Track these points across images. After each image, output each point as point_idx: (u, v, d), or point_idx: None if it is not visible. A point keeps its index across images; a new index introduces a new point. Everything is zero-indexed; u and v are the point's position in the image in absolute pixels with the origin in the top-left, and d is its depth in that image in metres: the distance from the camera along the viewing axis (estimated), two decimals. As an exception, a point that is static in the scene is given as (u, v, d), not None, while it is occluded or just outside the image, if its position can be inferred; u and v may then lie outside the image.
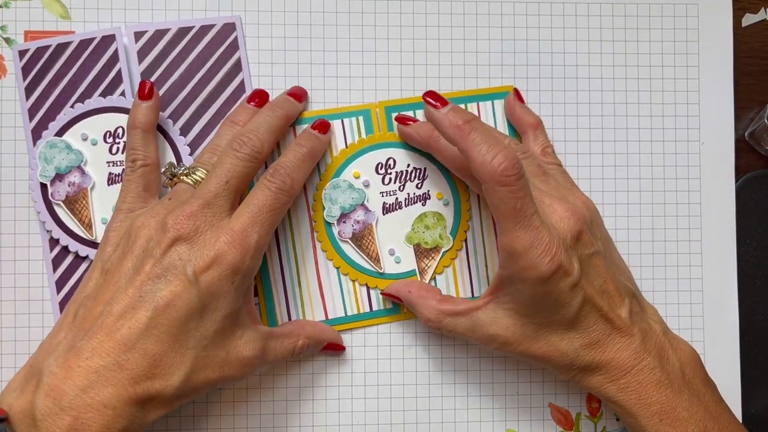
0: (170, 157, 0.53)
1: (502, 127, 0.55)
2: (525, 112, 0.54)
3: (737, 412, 0.56)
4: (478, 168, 0.43)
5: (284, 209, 0.48)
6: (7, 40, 0.53)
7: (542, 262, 0.43)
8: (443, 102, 0.47)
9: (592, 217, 0.49)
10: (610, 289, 0.47)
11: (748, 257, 0.56)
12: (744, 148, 0.57)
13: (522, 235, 0.43)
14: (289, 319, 0.53)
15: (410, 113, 0.54)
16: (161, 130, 0.53)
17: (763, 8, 0.57)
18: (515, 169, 0.43)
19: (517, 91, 0.55)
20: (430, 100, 0.47)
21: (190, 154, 0.53)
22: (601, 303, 0.46)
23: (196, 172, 0.48)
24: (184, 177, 0.48)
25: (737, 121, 0.57)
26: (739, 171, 0.57)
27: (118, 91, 0.53)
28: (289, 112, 0.51)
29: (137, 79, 0.53)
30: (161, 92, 0.53)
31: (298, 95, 0.53)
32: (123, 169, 0.52)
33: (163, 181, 0.51)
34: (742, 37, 0.57)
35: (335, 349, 0.53)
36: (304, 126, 0.53)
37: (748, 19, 0.57)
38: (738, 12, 0.57)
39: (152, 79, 0.53)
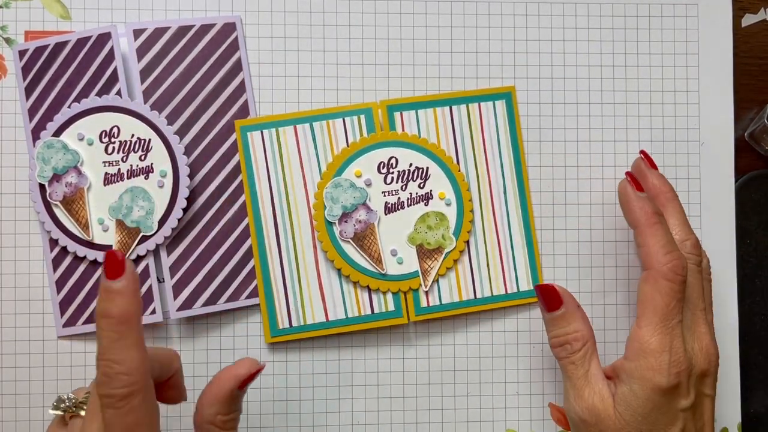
0: (166, 161, 0.53)
1: (503, 129, 0.55)
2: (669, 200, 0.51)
3: (737, 412, 0.56)
4: (651, 253, 0.46)
5: (147, 398, 0.38)
6: (8, 40, 0.53)
7: (669, 372, 0.44)
8: (640, 188, 0.49)
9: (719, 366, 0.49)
10: None
11: (748, 257, 0.56)
12: (744, 148, 0.58)
13: (663, 335, 0.44)
14: (290, 319, 0.53)
15: (412, 112, 0.54)
16: (158, 130, 0.52)
17: (763, 8, 0.57)
18: (684, 272, 0.45)
19: (646, 155, 0.53)
20: (631, 182, 0.49)
21: (186, 155, 0.53)
22: None
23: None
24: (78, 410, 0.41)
25: (737, 121, 0.57)
26: (739, 171, 0.57)
27: (114, 89, 0.53)
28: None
29: (136, 78, 0.53)
30: (160, 92, 0.53)
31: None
32: (118, 169, 0.52)
33: (51, 416, 0.42)
34: (741, 37, 0.58)
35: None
36: (305, 125, 0.53)
37: (748, 19, 0.58)
38: (738, 12, 0.57)
39: (151, 79, 0.53)
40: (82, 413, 0.39)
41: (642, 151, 0.52)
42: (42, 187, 0.52)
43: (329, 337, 0.54)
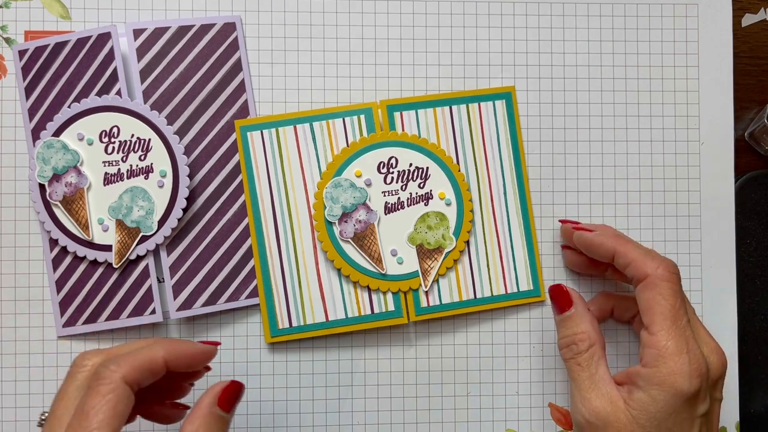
0: (166, 161, 0.53)
1: (503, 129, 0.55)
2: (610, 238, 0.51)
3: (737, 412, 0.56)
4: (639, 264, 0.46)
5: None
6: (8, 40, 0.53)
7: (690, 375, 0.43)
8: (588, 229, 0.52)
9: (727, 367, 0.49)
10: None
11: (748, 257, 0.56)
12: (744, 148, 0.58)
13: (677, 337, 0.44)
14: (290, 319, 0.53)
15: (412, 112, 0.54)
16: (158, 130, 0.52)
17: (763, 8, 0.57)
18: (677, 269, 0.46)
19: (569, 222, 0.55)
20: (578, 228, 0.52)
21: (186, 155, 0.53)
22: None
23: None
24: None
25: (737, 121, 0.57)
26: (738, 171, 0.57)
27: (114, 89, 0.53)
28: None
29: (136, 78, 0.53)
30: (160, 92, 0.53)
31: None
32: (118, 169, 0.52)
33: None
34: (742, 37, 0.58)
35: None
36: (305, 125, 0.53)
37: (748, 19, 0.58)
38: (738, 12, 0.57)
39: (151, 79, 0.53)
40: None
41: (560, 220, 0.55)
42: (42, 187, 0.52)
43: (329, 337, 0.54)
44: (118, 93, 0.53)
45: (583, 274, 0.56)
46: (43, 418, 0.42)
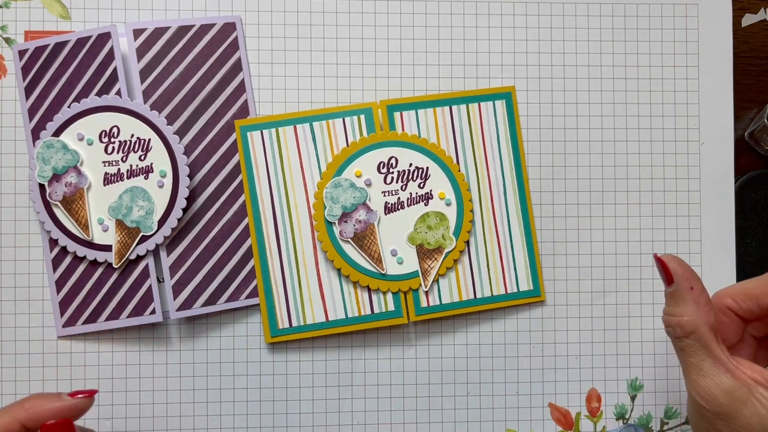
0: (166, 161, 0.53)
1: (503, 129, 0.55)
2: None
3: (737, 411, 0.56)
4: None
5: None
6: (8, 40, 0.53)
7: None
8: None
9: None
10: None
11: (748, 257, 0.56)
12: (744, 148, 0.58)
13: None
14: (290, 319, 0.53)
15: (412, 112, 0.54)
16: (158, 130, 0.53)
17: (763, 8, 0.57)
18: None
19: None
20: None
21: (186, 155, 0.53)
22: None
23: None
24: None
25: (737, 121, 0.57)
26: (738, 171, 0.57)
27: (114, 89, 0.53)
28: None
29: (136, 78, 0.53)
30: (160, 92, 0.53)
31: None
32: (118, 169, 0.52)
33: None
34: (741, 37, 0.58)
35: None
36: (305, 125, 0.53)
37: (748, 19, 0.58)
38: (738, 12, 0.57)
39: (151, 79, 0.53)
40: None
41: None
42: (42, 187, 0.52)
43: (329, 337, 0.54)
44: (118, 93, 0.53)
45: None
46: None
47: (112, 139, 0.52)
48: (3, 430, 0.40)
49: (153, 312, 0.53)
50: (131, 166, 0.52)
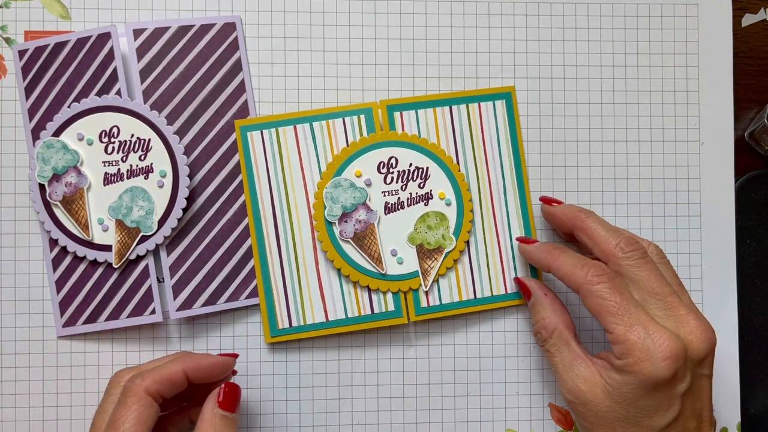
0: (166, 161, 0.53)
1: (503, 129, 0.55)
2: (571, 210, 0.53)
3: (737, 412, 0.56)
4: (570, 276, 0.48)
5: None
6: (7, 40, 0.53)
7: (658, 359, 0.43)
8: (529, 241, 0.54)
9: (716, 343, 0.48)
10: (704, 415, 0.47)
11: (748, 257, 0.56)
12: (744, 148, 0.58)
13: (631, 326, 0.45)
14: (290, 319, 0.53)
15: (412, 112, 0.54)
16: (158, 130, 0.52)
17: (763, 8, 0.58)
18: (602, 270, 0.47)
19: (543, 199, 0.55)
20: (519, 240, 0.54)
21: (186, 155, 0.53)
22: (690, 424, 0.46)
23: None
24: None
25: (737, 121, 0.57)
26: (738, 171, 0.57)
27: (114, 89, 0.53)
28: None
29: (136, 78, 0.53)
30: (160, 92, 0.53)
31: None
32: (118, 168, 0.52)
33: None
34: (741, 37, 0.58)
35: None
36: (305, 125, 0.53)
37: (748, 19, 0.58)
38: (738, 12, 0.57)
39: (151, 79, 0.53)
40: None
41: (541, 198, 0.54)
42: (42, 187, 0.52)
43: (329, 337, 0.55)
44: (118, 93, 0.53)
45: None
46: None
47: (112, 139, 0.52)
48: (169, 376, 0.45)
49: (153, 312, 0.53)
50: (131, 166, 0.52)
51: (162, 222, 0.52)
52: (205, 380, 0.47)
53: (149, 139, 0.52)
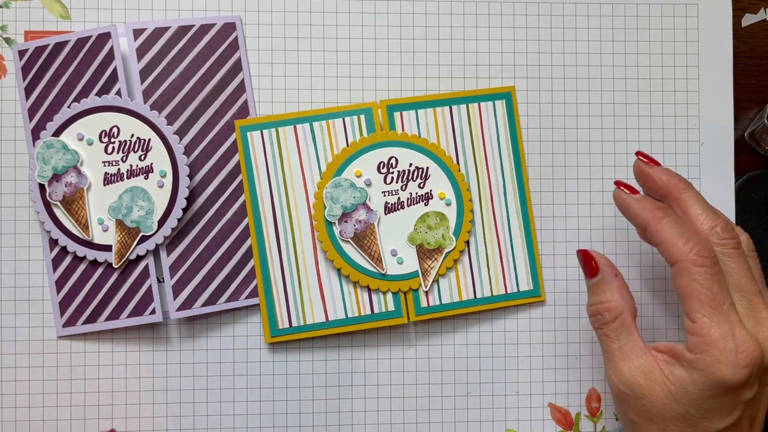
0: (166, 161, 0.53)
1: (503, 129, 0.55)
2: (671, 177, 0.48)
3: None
4: (670, 247, 0.43)
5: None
6: (7, 40, 0.53)
7: (737, 364, 0.41)
8: (634, 191, 0.47)
9: None
10: (757, 419, 0.44)
11: (748, 257, 0.56)
12: (744, 148, 0.58)
13: (720, 323, 0.41)
14: (290, 319, 0.53)
15: (412, 112, 0.54)
16: (158, 130, 0.52)
17: (763, 8, 0.57)
18: (711, 253, 0.42)
19: (643, 154, 0.49)
20: (623, 188, 0.47)
21: (186, 155, 0.53)
22: (744, 429, 0.43)
23: None
24: None
25: (737, 121, 0.57)
26: (738, 171, 0.57)
27: (114, 89, 0.53)
28: None
29: (136, 78, 0.53)
30: (160, 92, 0.53)
31: None
32: (118, 168, 0.52)
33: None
34: (741, 37, 0.58)
35: None
36: (305, 125, 0.53)
37: (748, 19, 0.58)
38: (738, 12, 0.57)
39: (151, 79, 0.53)
40: None
41: (638, 153, 0.49)
42: (42, 187, 0.52)
43: (329, 337, 0.54)
44: (118, 93, 0.53)
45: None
46: None
47: (112, 139, 0.52)
48: None
49: (153, 312, 0.53)
50: (131, 166, 0.52)
51: (162, 222, 0.52)
52: None
53: (149, 139, 0.52)
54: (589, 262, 0.47)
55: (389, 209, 0.53)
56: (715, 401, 0.42)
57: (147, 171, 0.52)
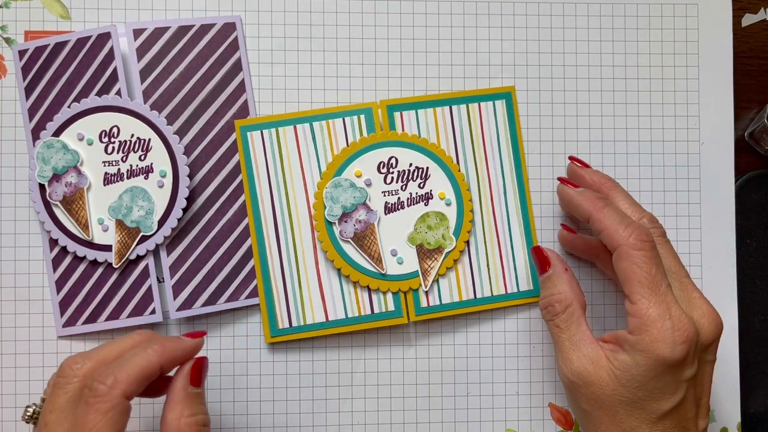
0: (166, 161, 0.53)
1: (503, 129, 0.55)
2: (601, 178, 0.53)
3: (737, 412, 0.56)
4: (611, 233, 0.46)
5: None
6: (7, 40, 0.53)
7: (674, 341, 0.43)
8: (575, 185, 0.51)
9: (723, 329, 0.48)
10: (702, 401, 0.46)
11: (748, 257, 0.56)
12: (744, 148, 0.58)
13: (657, 303, 0.44)
14: (290, 319, 0.53)
15: (412, 112, 0.54)
16: (158, 130, 0.52)
17: (763, 8, 0.58)
18: (649, 237, 0.45)
19: (574, 158, 0.55)
20: (565, 182, 0.52)
21: (186, 155, 0.53)
22: (690, 410, 0.45)
23: None
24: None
25: (737, 121, 0.57)
26: (738, 171, 0.57)
27: (114, 89, 0.53)
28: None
29: (136, 78, 0.53)
30: (160, 91, 0.53)
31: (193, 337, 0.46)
32: (118, 168, 0.52)
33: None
34: (741, 37, 0.58)
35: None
36: (305, 125, 0.53)
37: (748, 19, 0.58)
38: (738, 12, 0.57)
39: (151, 79, 0.53)
40: None
41: (571, 157, 0.54)
42: (42, 187, 0.52)
43: (329, 337, 0.55)
44: (118, 93, 0.53)
45: (579, 257, 0.56)
46: (29, 414, 0.43)
47: (112, 139, 0.52)
48: (146, 374, 0.41)
49: (153, 312, 0.53)
50: (131, 166, 0.52)
51: (162, 222, 0.52)
52: (176, 366, 0.44)
53: (149, 139, 0.52)
54: (541, 258, 0.51)
55: (389, 209, 0.53)
56: (658, 381, 0.44)
57: (147, 171, 0.52)
